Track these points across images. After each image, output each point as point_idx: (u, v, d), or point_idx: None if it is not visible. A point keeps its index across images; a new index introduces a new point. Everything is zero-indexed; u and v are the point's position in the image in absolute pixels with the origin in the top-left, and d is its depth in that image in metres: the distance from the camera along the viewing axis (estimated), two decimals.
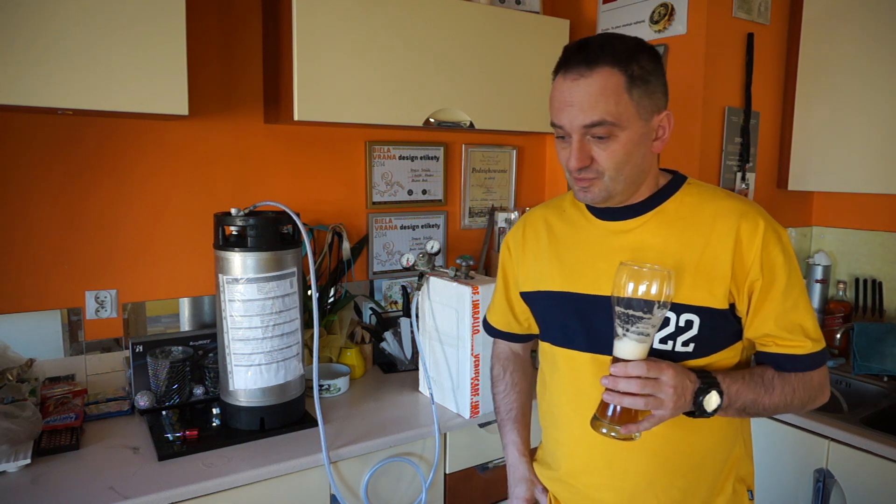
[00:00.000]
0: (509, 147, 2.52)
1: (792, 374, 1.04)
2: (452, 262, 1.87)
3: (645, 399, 0.92)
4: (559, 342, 1.13)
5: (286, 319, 1.56)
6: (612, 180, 1.00)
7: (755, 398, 1.01)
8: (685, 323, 1.00)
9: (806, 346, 1.02)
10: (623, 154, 0.98)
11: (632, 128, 0.98)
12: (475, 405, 1.70)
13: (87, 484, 1.32)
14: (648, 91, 0.99)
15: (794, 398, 1.04)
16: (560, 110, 0.99)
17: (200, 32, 1.82)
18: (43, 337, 1.71)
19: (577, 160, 0.99)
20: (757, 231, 1.00)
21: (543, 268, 1.16)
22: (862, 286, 2.26)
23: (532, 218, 1.24)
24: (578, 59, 0.97)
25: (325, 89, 1.73)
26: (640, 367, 0.93)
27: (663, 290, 0.93)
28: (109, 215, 1.78)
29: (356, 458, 1.55)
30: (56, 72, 1.37)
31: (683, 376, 0.95)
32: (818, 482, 1.68)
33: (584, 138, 0.98)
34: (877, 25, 1.98)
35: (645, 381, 0.92)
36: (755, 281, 1.00)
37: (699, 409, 0.96)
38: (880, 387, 1.98)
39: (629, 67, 0.96)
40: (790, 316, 1.01)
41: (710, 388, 0.96)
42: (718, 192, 1.07)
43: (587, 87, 0.96)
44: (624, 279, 0.95)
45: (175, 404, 1.71)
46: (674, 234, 1.04)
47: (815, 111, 2.16)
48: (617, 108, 0.96)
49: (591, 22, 2.34)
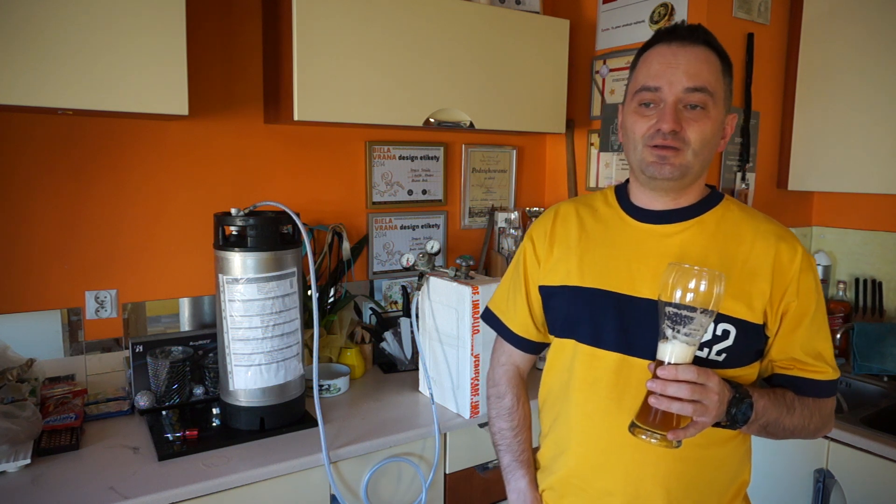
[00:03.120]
0: (509, 147, 2.52)
1: (810, 399, 1.05)
2: (452, 262, 1.87)
3: (693, 405, 0.89)
4: (587, 340, 1.08)
5: (286, 319, 1.56)
6: (695, 155, 1.00)
7: (778, 417, 1.01)
8: (722, 332, 1.00)
9: (827, 373, 1.04)
10: (710, 131, 1.00)
11: (719, 109, 1.01)
12: (475, 405, 1.70)
13: (87, 484, 1.32)
14: (730, 88, 1.04)
15: (810, 422, 1.05)
16: (661, 72, 0.99)
17: (200, 32, 1.82)
18: (43, 337, 1.71)
19: (671, 121, 0.97)
20: (796, 255, 1.02)
21: (572, 263, 1.12)
22: (862, 286, 2.26)
23: (564, 210, 1.20)
24: (685, 31, 1.00)
25: (325, 89, 1.73)
26: (691, 371, 0.90)
27: (713, 290, 0.90)
28: (109, 215, 1.78)
29: (356, 458, 1.55)
30: (56, 72, 1.37)
31: (724, 385, 0.95)
32: (818, 482, 1.68)
33: (678, 104, 0.98)
34: (877, 26, 1.99)
35: (694, 386, 0.90)
36: (791, 303, 1.01)
37: (731, 419, 0.96)
38: (880, 387, 1.98)
39: (723, 57, 1.02)
40: (814, 342, 1.03)
41: (744, 399, 0.97)
42: (758, 214, 1.10)
43: (694, 53, 0.99)
44: (675, 278, 0.91)
45: (175, 404, 1.71)
46: (714, 245, 1.04)
47: (815, 111, 2.16)
48: (715, 82, 0.99)
49: (591, 22, 2.34)
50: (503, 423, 1.26)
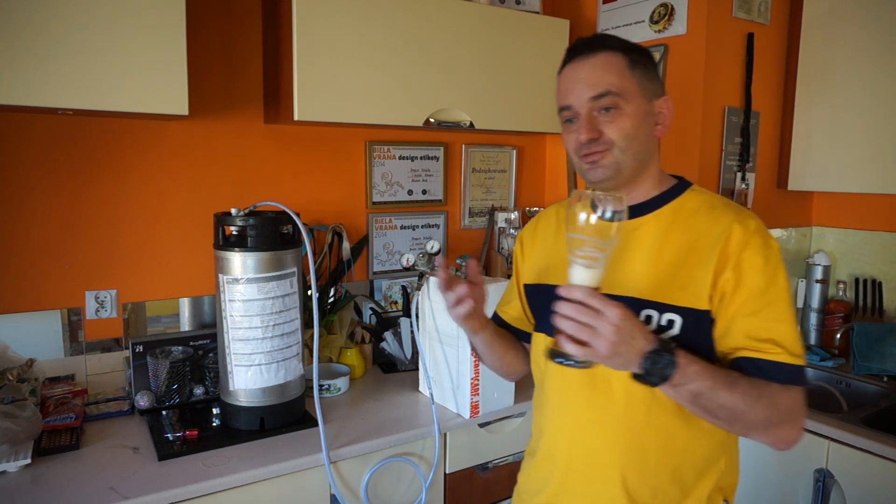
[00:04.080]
0: (509, 147, 2.52)
1: (762, 382, 0.96)
2: (452, 262, 1.87)
3: (580, 326, 0.88)
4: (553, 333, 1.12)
5: (286, 319, 1.56)
6: (622, 152, 1.03)
7: (713, 386, 0.93)
8: (667, 322, 1.01)
9: (774, 353, 0.96)
10: (631, 127, 1.03)
11: (636, 103, 1.04)
12: (475, 405, 1.70)
13: (87, 484, 1.32)
14: (648, 74, 1.07)
15: (756, 406, 0.95)
16: (568, 91, 1.06)
17: (201, 32, 1.82)
18: (43, 337, 1.71)
19: (586, 131, 1.03)
20: (744, 234, 1.00)
21: (549, 262, 1.20)
22: (862, 286, 2.26)
23: (546, 214, 1.29)
24: (581, 46, 1.07)
25: (325, 89, 1.73)
26: (583, 292, 0.89)
27: (607, 212, 0.89)
28: (109, 215, 1.78)
29: (356, 458, 1.55)
30: (56, 72, 1.37)
31: (634, 325, 0.90)
32: (818, 482, 1.68)
33: (591, 113, 1.04)
34: (877, 26, 1.98)
35: (585, 308, 0.88)
36: (728, 280, 0.98)
37: (645, 371, 0.91)
38: (880, 387, 1.98)
39: (628, 52, 1.05)
40: (765, 324, 0.97)
41: (663, 354, 0.91)
42: (717, 200, 1.08)
43: (591, 63, 1.04)
44: (575, 202, 0.92)
45: (175, 404, 1.71)
46: (670, 236, 1.05)
47: (815, 111, 2.16)
48: (621, 81, 1.03)
49: (591, 22, 2.34)
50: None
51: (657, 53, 2.12)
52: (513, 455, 1.84)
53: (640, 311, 1.01)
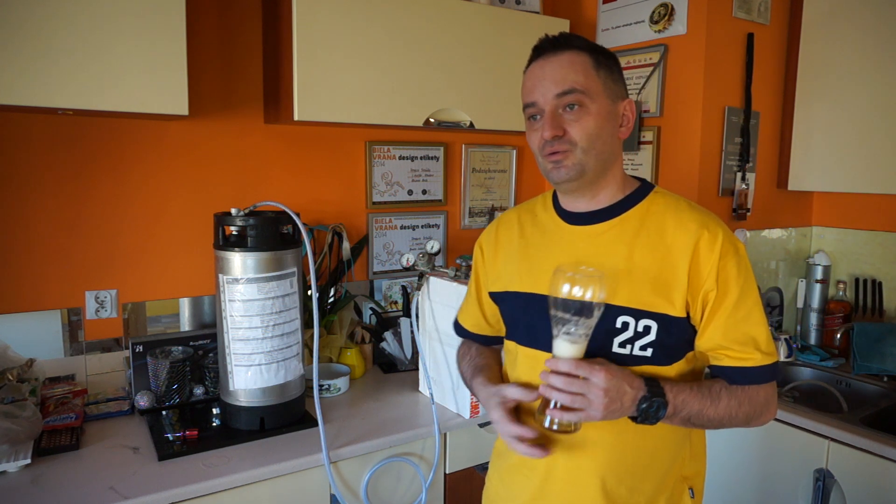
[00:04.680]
0: (509, 147, 2.52)
1: (739, 388, 1.05)
2: (452, 262, 1.87)
3: (572, 397, 0.96)
4: (524, 341, 1.15)
5: (286, 319, 1.56)
6: (585, 153, 1.04)
7: (700, 409, 1.02)
8: (643, 328, 1.02)
9: (755, 359, 1.03)
10: (594, 126, 1.03)
11: (600, 102, 1.04)
12: (475, 405, 1.70)
13: (87, 484, 1.32)
14: (612, 77, 1.08)
15: (738, 412, 1.04)
16: (533, 88, 1.06)
17: (200, 32, 1.82)
18: (43, 337, 1.71)
19: (550, 128, 1.03)
20: (715, 243, 1.02)
21: (513, 269, 1.19)
22: (862, 286, 2.26)
23: (505, 219, 1.27)
24: (547, 45, 1.07)
25: (325, 89, 1.73)
26: (569, 364, 0.97)
27: (595, 293, 0.96)
28: (109, 215, 1.78)
29: (356, 458, 1.55)
30: (56, 72, 1.37)
31: (621, 381, 0.97)
32: (818, 482, 1.68)
33: (556, 111, 1.04)
34: (877, 26, 1.99)
35: (572, 379, 0.96)
36: (709, 291, 1.02)
37: (642, 415, 0.99)
38: (880, 387, 1.98)
39: (594, 53, 1.06)
40: (741, 328, 1.03)
41: (654, 397, 0.98)
42: (682, 203, 1.10)
43: (558, 61, 1.05)
44: (558, 282, 0.97)
45: (175, 404, 1.71)
46: (637, 241, 1.06)
47: (815, 111, 2.16)
48: (586, 80, 1.03)
49: (591, 22, 2.34)
50: (461, 366, 1.34)
51: (657, 53, 2.12)
52: None
53: (615, 317, 1.03)
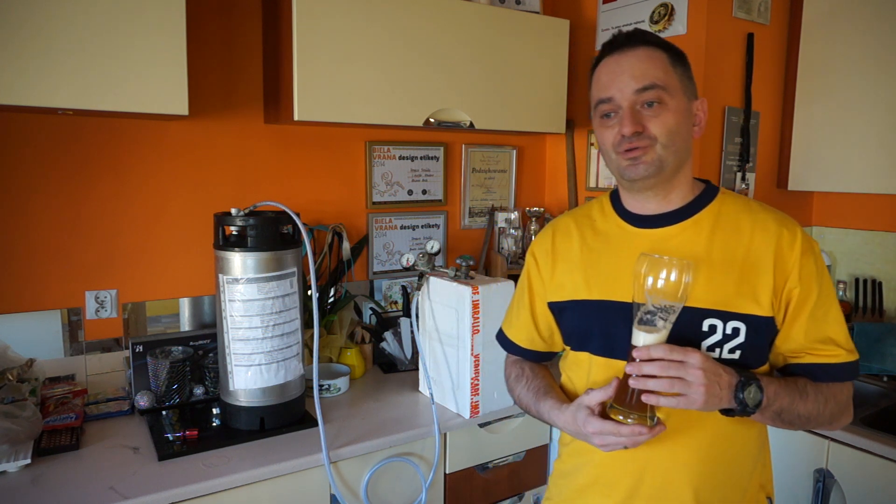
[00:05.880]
0: (509, 147, 2.52)
1: (824, 385, 1.03)
2: (452, 262, 1.87)
3: (670, 381, 0.91)
4: (600, 352, 1.09)
5: (286, 319, 1.56)
6: (665, 148, 1.01)
7: (791, 402, 0.99)
8: (732, 330, 1.00)
9: (839, 356, 1.02)
10: (674, 121, 1.01)
11: (678, 99, 1.02)
12: (475, 405, 1.70)
13: (87, 484, 1.32)
14: (687, 74, 1.06)
15: (825, 409, 1.02)
16: (610, 82, 1.03)
17: (200, 32, 1.82)
18: (43, 337, 1.71)
19: (630, 124, 1.00)
20: (795, 241, 1.03)
21: (578, 277, 1.13)
22: (862, 286, 2.26)
23: (561, 226, 1.21)
24: (623, 39, 1.04)
25: (325, 89, 1.73)
26: (662, 349, 0.92)
27: (682, 279, 0.92)
28: (109, 215, 1.78)
29: (356, 458, 1.55)
30: (56, 72, 1.37)
31: (715, 365, 0.93)
32: (818, 482, 1.68)
33: (634, 106, 1.01)
34: (877, 26, 1.98)
35: (669, 363, 0.91)
36: (793, 290, 1.01)
37: (741, 404, 0.94)
38: (880, 387, 1.98)
39: (669, 49, 1.04)
40: (822, 327, 1.02)
41: (750, 382, 0.95)
42: (754, 203, 1.10)
43: (635, 56, 1.02)
44: (644, 269, 0.94)
45: (175, 404, 1.71)
46: (716, 242, 1.04)
47: (815, 111, 2.16)
48: (665, 76, 1.01)
49: (591, 22, 2.34)
50: (515, 389, 1.26)
51: None
52: (513, 455, 1.84)
53: (702, 320, 1.00)
